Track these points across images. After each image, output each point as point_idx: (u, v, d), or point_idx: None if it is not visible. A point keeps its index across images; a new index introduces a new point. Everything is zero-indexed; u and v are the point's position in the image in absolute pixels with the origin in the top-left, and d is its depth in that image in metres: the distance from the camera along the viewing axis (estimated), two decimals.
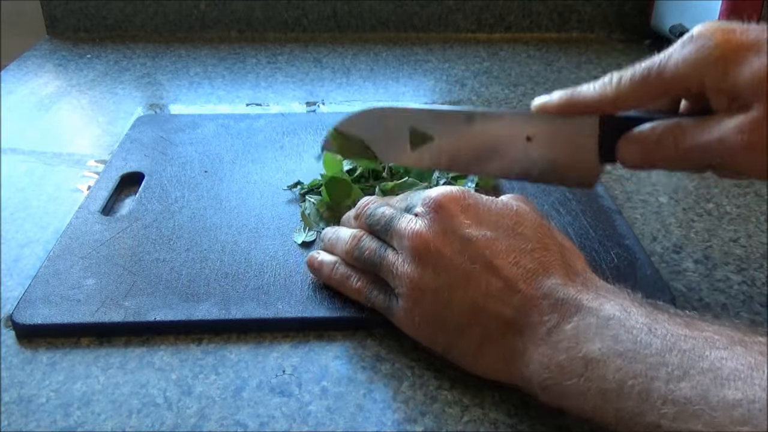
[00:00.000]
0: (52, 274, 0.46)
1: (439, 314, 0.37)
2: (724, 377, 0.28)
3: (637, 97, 0.40)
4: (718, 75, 0.38)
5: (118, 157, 0.61)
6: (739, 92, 0.37)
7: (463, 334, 0.37)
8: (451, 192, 0.39)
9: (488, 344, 0.36)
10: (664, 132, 0.40)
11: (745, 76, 0.37)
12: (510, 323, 0.35)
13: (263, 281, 0.45)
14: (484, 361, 0.37)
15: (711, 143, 0.38)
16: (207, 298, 0.43)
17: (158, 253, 0.48)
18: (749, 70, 0.37)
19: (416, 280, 0.38)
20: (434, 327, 0.38)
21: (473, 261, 0.37)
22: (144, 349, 0.41)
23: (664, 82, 0.39)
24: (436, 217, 0.38)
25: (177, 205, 0.54)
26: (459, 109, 0.46)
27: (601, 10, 0.96)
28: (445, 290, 0.37)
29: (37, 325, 0.42)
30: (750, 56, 0.37)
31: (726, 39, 0.38)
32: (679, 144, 0.39)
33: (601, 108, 0.41)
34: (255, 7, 0.94)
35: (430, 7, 0.95)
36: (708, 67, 0.38)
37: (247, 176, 0.58)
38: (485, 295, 0.36)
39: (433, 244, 0.37)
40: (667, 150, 0.40)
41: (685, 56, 0.38)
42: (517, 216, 0.38)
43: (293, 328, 0.42)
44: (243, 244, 0.49)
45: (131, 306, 0.43)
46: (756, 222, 0.54)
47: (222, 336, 0.42)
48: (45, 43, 0.93)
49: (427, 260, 0.37)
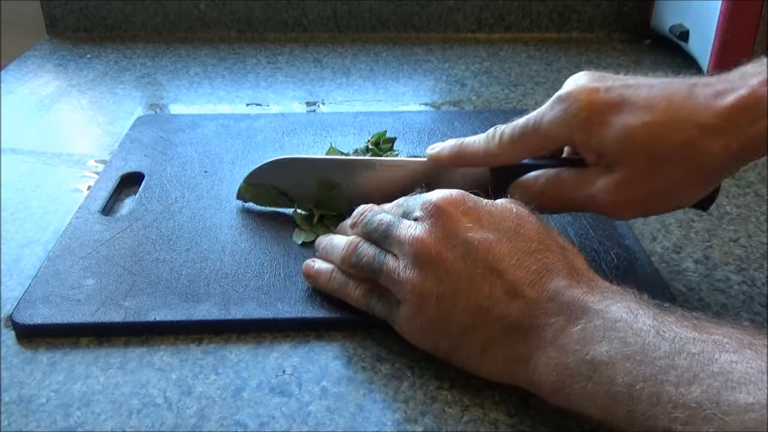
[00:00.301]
0: (52, 274, 0.46)
1: (443, 319, 0.37)
2: (734, 381, 0.28)
3: (517, 151, 0.43)
4: (584, 135, 0.40)
5: (118, 157, 0.61)
6: (605, 152, 0.40)
7: (467, 337, 0.37)
8: (450, 195, 0.39)
9: (493, 347, 0.36)
10: (546, 183, 0.43)
11: (608, 137, 0.39)
12: (515, 326, 0.35)
13: (263, 281, 0.45)
14: (488, 364, 0.37)
15: (584, 199, 0.41)
16: (207, 299, 0.43)
17: (158, 253, 0.48)
18: (611, 131, 0.39)
19: (419, 285, 0.37)
20: (437, 332, 0.38)
21: (476, 264, 0.36)
22: (144, 349, 0.41)
23: (538, 138, 0.42)
24: (437, 222, 0.38)
25: (177, 205, 0.54)
26: (359, 158, 0.51)
27: (601, 10, 0.96)
28: (449, 294, 0.37)
29: (37, 325, 0.42)
30: (612, 117, 0.39)
31: (590, 100, 0.40)
32: (559, 196, 0.42)
33: (486, 161, 0.45)
34: (255, 7, 0.94)
35: (430, 7, 0.95)
36: (575, 128, 0.40)
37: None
38: (489, 297, 0.36)
39: (434, 249, 0.37)
40: (549, 200, 0.43)
41: (554, 116, 0.41)
42: (517, 218, 0.38)
43: (293, 328, 0.42)
44: (243, 244, 0.49)
45: (131, 306, 0.43)
46: (756, 222, 0.54)
47: (222, 336, 0.42)
48: (45, 43, 0.93)
49: (429, 265, 0.37)
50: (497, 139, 0.44)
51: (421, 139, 0.63)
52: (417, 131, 0.65)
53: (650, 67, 0.86)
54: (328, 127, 0.66)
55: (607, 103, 0.39)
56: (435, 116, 0.70)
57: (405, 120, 0.67)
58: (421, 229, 0.38)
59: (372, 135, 0.60)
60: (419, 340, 0.39)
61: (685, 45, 0.83)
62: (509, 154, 0.44)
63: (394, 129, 0.65)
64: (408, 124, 0.66)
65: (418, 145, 0.62)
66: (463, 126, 0.66)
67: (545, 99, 0.42)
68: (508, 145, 0.43)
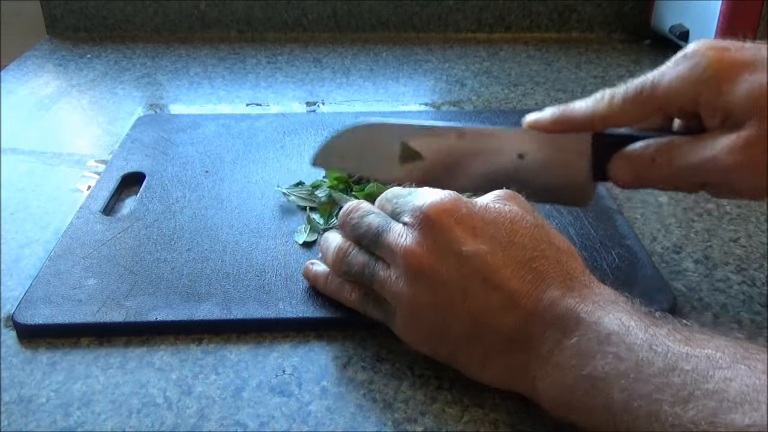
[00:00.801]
0: (54, 274, 0.46)
1: (439, 328, 0.37)
2: (730, 400, 0.27)
3: (629, 114, 0.40)
4: (711, 93, 0.38)
5: (119, 157, 0.61)
6: (732, 110, 0.37)
7: (465, 346, 0.36)
8: (442, 203, 0.37)
9: (492, 357, 0.36)
10: (657, 150, 0.40)
11: (739, 93, 0.37)
12: (512, 338, 0.35)
13: (264, 281, 0.45)
14: (488, 372, 0.37)
15: (704, 163, 0.38)
16: (208, 298, 0.43)
17: (159, 253, 0.48)
18: (743, 88, 0.37)
19: (413, 298, 0.36)
20: (435, 340, 0.37)
21: (471, 277, 0.35)
22: (144, 349, 0.41)
23: (656, 99, 0.39)
24: (429, 233, 0.36)
25: (178, 205, 0.54)
26: (450, 125, 0.45)
27: (601, 10, 0.96)
28: (445, 305, 0.36)
29: (39, 325, 0.42)
30: (744, 74, 0.37)
31: (719, 57, 0.38)
32: (672, 163, 0.39)
33: (593, 125, 0.41)
34: (255, 7, 0.94)
35: (430, 7, 0.95)
36: (701, 85, 0.38)
37: (248, 176, 0.58)
38: (485, 310, 0.35)
39: (426, 261, 0.36)
40: (659, 169, 0.40)
41: (678, 74, 0.39)
42: (512, 223, 0.37)
43: (294, 328, 0.42)
44: (244, 244, 0.49)
45: (132, 306, 0.43)
46: (756, 222, 0.54)
47: (222, 336, 0.42)
48: (45, 43, 0.93)
49: (421, 278, 0.36)
50: (607, 100, 0.40)
51: None
52: None
53: (650, 67, 0.86)
54: (329, 127, 0.66)
55: (739, 62, 0.37)
56: (436, 116, 0.70)
57: (406, 119, 0.67)
58: (412, 239, 0.36)
59: None
60: (417, 346, 0.39)
61: (685, 45, 0.83)
62: (620, 116, 0.40)
63: None
64: None
65: None
66: None
67: (545, 99, 0.42)
68: (619, 106, 0.40)
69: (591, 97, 0.41)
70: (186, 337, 0.42)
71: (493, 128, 0.44)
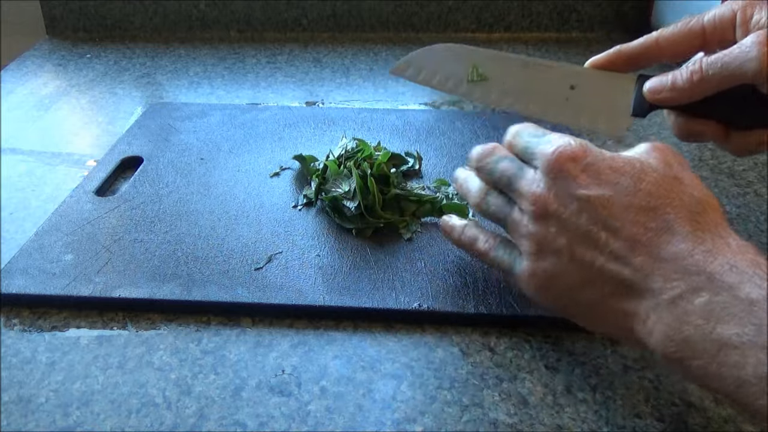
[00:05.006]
0: (36, 248, 0.48)
1: (558, 273, 0.37)
2: None
3: (677, 42, 0.45)
4: (751, 10, 0.42)
5: (123, 141, 0.63)
6: None
7: (581, 292, 0.37)
8: (571, 150, 0.37)
9: (606, 304, 0.36)
10: (692, 63, 0.43)
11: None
12: (629, 285, 0.35)
13: (230, 266, 0.46)
14: (601, 321, 0.37)
15: (734, 57, 0.41)
16: (173, 279, 0.45)
17: (138, 234, 0.50)
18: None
19: (539, 239, 0.38)
20: (552, 286, 0.38)
21: (591, 221, 0.36)
22: (143, 349, 0.41)
23: (702, 26, 0.44)
24: (556, 178, 0.37)
25: (167, 189, 0.55)
26: (516, 56, 0.52)
27: (601, 10, 0.96)
28: (566, 250, 0.37)
29: (11, 294, 0.44)
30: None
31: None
32: (706, 66, 0.42)
33: (645, 53, 0.47)
34: (255, 7, 0.94)
35: (430, 7, 0.95)
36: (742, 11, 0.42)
37: (240, 165, 0.59)
38: (604, 255, 0.35)
39: (552, 207, 0.37)
40: (694, 73, 0.43)
41: (723, 5, 0.43)
42: (640, 172, 0.36)
43: (250, 314, 0.44)
44: (219, 230, 0.50)
45: (100, 282, 0.45)
46: (756, 222, 0.54)
47: (222, 336, 0.42)
48: (45, 43, 0.93)
49: (548, 222, 0.37)
50: (656, 35, 0.46)
51: (419, 137, 0.64)
52: (416, 129, 0.65)
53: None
54: (330, 122, 0.67)
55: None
56: (436, 115, 0.70)
57: (407, 117, 0.68)
58: (542, 186, 0.38)
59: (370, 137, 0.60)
60: (536, 294, 0.39)
61: None
62: (669, 43, 0.46)
63: (395, 126, 0.66)
64: (409, 122, 0.67)
65: (415, 142, 0.62)
66: (463, 126, 0.66)
67: None
68: (669, 34, 0.46)
69: (643, 37, 0.47)
70: (185, 337, 0.42)
71: (552, 62, 0.51)
